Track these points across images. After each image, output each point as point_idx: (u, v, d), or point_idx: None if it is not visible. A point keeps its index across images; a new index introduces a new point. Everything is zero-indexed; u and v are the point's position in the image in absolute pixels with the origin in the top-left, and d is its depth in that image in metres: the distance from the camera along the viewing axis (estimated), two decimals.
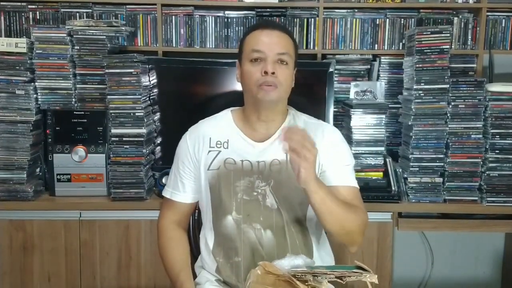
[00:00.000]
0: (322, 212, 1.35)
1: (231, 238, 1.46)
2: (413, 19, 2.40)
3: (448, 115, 2.08)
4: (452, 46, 2.35)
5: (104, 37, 2.12)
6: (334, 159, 1.49)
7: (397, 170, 2.16)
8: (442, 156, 2.10)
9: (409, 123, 2.10)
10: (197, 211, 1.66)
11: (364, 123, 2.13)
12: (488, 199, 2.09)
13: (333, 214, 1.35)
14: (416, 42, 2.06)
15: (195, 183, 1.55)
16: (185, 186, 1.56)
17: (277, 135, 1.50)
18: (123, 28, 2.19)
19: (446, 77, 2.07)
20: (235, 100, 1.60)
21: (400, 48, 2.40)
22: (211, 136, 1.52)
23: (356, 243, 1.46)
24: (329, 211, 1.35)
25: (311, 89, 2.22)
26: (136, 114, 2.07)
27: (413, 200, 2.12)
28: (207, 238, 1.52)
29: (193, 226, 1.71)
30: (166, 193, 1.60)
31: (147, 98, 2.16)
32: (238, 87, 1.54)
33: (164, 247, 1.55)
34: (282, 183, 1.46)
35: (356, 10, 2.41)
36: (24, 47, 2.05)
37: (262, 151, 1.48)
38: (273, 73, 1.40)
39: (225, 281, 1.48)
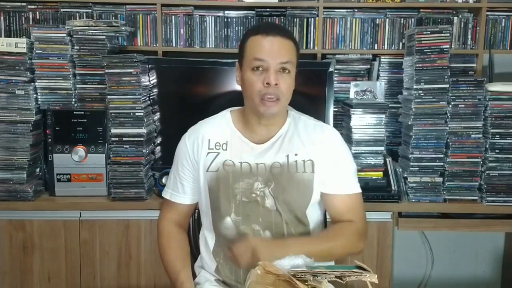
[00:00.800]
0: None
1: (230, 239, 1.46)
2: (413, 19, 2.40)
3: (448, 114, 2.08)
4: (452, 46, 2.35)
5: (104, 37, 2.12)
6: (334, 166, 1.48)
7: (397, 169, 2.16)
8: (442, 155, 2.10)
9: (409, 123, 2.10)
10: (197, 211, 1.66)
11: (364, 123, 2.12)
12: (488, 198, 2.09)
13: (317, 256, 1.32)
14: (416, 42, 2.06)
15: (195, 185, 1.55)
16: (184, 187, 1.56)
17: (276, 137, 1.50)
18: (123, 28, 2.18)
19: (446, 77, 2.06)
20: (235, 100, 1.60)
21: (400, 48, 2.40)
22: (210, 137, 1.52)
23: (358, 251, 1.48)
24: (310, 255, 1.31)
25: (311, 89, 2.21)
26: (136, 114, 2.07)
27: (413, 200, 2.11)
28: (207, 239, 1.53)
29: (193, 226, 1.71)
30: (165, 194, 1.60)
31: (147, 98, 2.16)
32: (238, 87, 1.53)
33: (164, 248, 1.56)
34: (283, 185, 1.46)
35: (356, 10, 2.41)
36: (24, 47, 2.05)
37: (261, 153, 1.48)
38: (275, 84, 1.39)
39: (224, 281, 1.49)
